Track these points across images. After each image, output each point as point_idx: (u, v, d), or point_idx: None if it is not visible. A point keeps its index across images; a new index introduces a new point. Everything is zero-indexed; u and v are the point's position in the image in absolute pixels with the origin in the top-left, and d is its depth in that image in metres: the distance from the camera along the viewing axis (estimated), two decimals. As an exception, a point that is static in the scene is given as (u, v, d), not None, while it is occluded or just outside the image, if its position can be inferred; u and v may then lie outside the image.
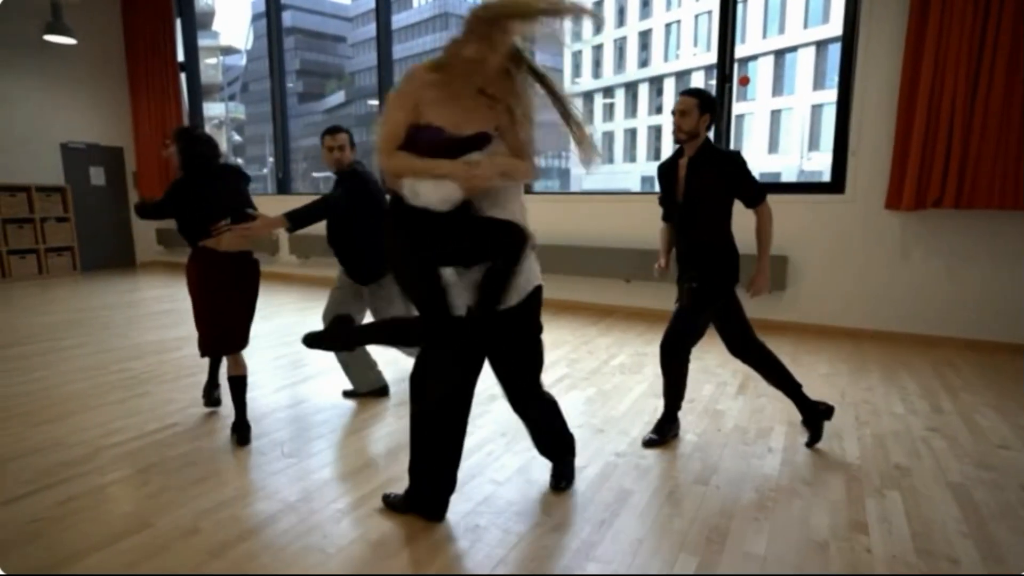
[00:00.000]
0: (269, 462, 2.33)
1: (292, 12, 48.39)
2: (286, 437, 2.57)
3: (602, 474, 2.21)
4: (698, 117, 2.29)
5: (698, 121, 2.30)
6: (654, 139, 38.03)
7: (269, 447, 2.47)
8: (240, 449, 2.45)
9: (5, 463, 2.29)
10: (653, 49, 37.33)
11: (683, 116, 2.31)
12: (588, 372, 3.48)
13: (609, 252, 5.04)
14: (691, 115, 2.29)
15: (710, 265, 2.41)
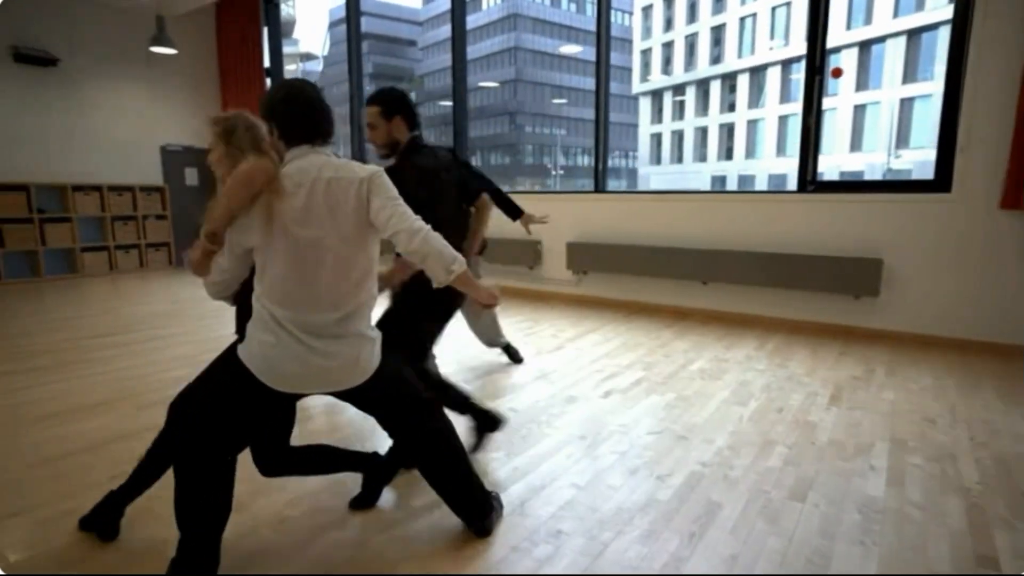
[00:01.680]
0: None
1: (366, 18, 50.01)
2: (370, 427, 2.62)
3: (687, 483, 2.12)
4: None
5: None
6: (726, 137, 36.74)
7: (356, 437, 2.53)
8: (328, 438, 2.52)
9: (115, 442, 2.46)
10: (726, 44, 36.02)
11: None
12: (666, 376, 3.36)
13: (684, 253, 4.87)
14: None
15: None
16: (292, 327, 1.47)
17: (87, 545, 1.76)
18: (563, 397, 3.03)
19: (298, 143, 1.54)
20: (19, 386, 3.20)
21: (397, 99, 2.15)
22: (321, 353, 1.49)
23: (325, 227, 1.48)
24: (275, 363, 1.47)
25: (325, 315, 1.50)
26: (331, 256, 1.49)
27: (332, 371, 1.52)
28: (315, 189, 1.48)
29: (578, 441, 2.49)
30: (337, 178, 1.50)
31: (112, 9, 7.39)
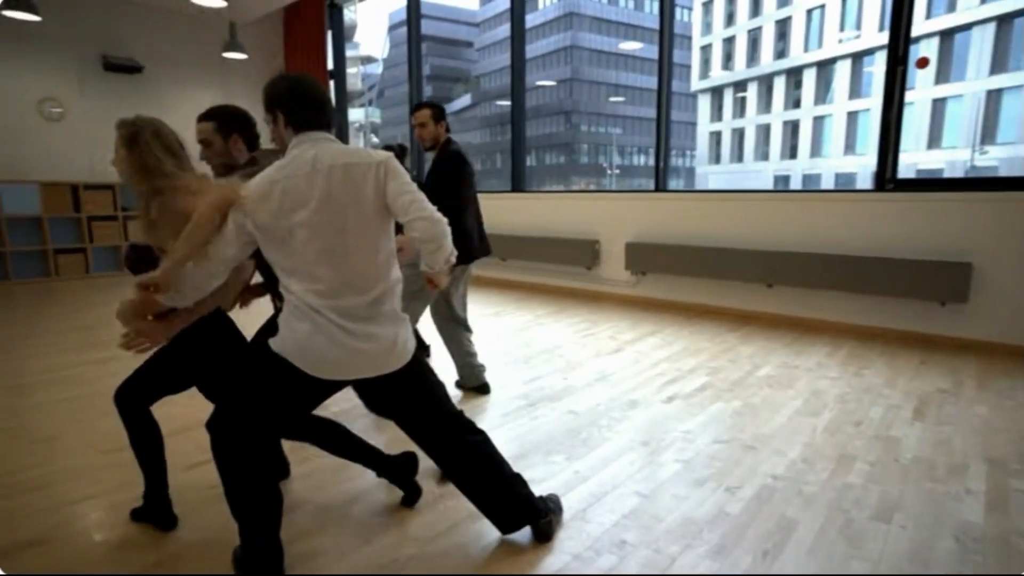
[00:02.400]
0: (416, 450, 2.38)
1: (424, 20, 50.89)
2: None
3: (759, 497, 2.00)
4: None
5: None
6: (790, 135, 35.29)
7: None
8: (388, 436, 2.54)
9: (191, 430, 2.55)
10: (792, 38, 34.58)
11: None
12: (732, 383, 3.22)
13: (748, 254, 4.67)
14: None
15: None
16: (328, 312, 1.46)
17: (152, 531, 1.82)
18: (624, 401, 2.95)
19: (306, 129, 1.54)
20: (95, 376, 3.38)
21: (238, 116, 2.00)
22: (360, 336, 1.49)
23: (348, 212, 1.48)
24: (314, 349, 1.47)
25: (358, 298, 1.50)
26: (356, 240, 1.49)
27: (371, 354, 1.51)
28: (333, 175, 1.47)
29: (640, 447, 2.41)
30: (355, 163, 1.49)
31: (189, 18, 7.77)
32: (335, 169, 1.47)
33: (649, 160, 50.06)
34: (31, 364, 3.58)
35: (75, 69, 7.11)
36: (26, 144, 6.86)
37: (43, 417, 2.76)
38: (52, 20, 6.56)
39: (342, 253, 1.48)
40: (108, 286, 6.66)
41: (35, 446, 2.45)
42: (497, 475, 1.73)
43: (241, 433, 1.49)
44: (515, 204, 6.49)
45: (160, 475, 1.84)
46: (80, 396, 3.04)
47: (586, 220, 5.84)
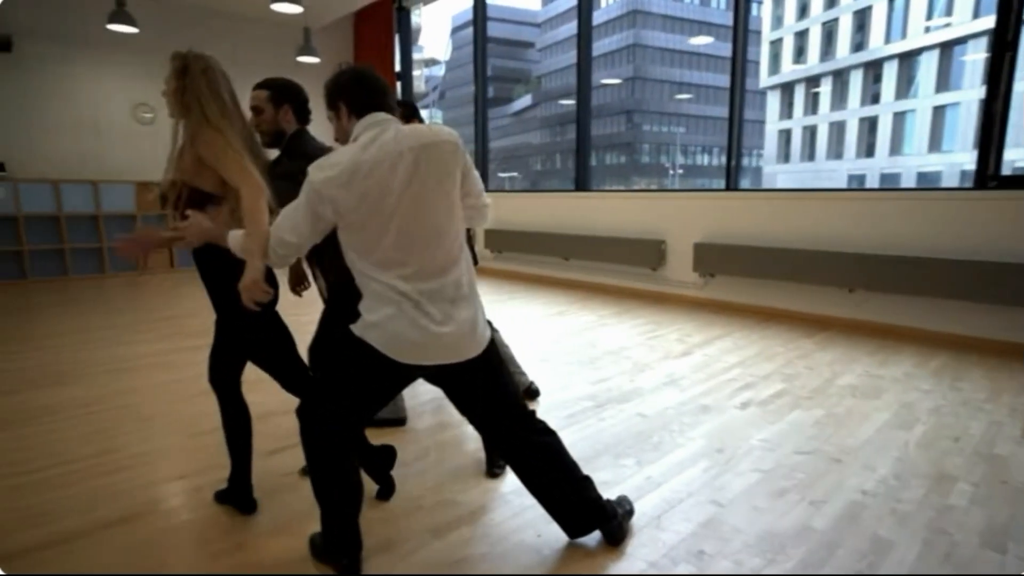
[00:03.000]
0: (479, 449, 2.38)
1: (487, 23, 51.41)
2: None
3: (848, 514, 1.87)
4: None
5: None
6: (867, 132, 33.40)
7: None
8: (455, 430, 2.55)
9: (268, 417, 2.65)
10: (871, 29, 32.69)
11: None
12: (811, 391, 3.05)
13: (826, 257, 4.42)
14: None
15: None
16: (412, 296, 1.44)
17: (234, 514, 1.89)
18: (695, 406, 2.84)
19: (371, 111, 1.50)
20: (184, 362, 3.58)
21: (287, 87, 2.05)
22: (440, 319, 1.46)
23: (433, 193, 1.46)
24: (396, 333, 1.44)
25: (439, 281, 1.48)
26: (440, 221, 1.48)
27: (453, 337, 1.48)
28: (419, 156, 1.44)
29: (716, 454, 2.31)
30: (437, 142, 1.47)
31: (267, 24, 8.14)
32: (419, 149, 1.44)
33: (714, 160, 48.61)
34: (129, 350, 3.83)
35: (165, 76, 7.56)
36: (122, 147, 7.37)
37: (142, 400, 2.94)
38: (147, 31, 7.01)
39: (426, 235, 1.46)
40: (189, 280, 7.06)
41: (136, 424, 2.61)
42: (566, 476, 1.69)
43: (328, 421, 1.52)
44: (579, 204, 6.42)
45: (246, 459, 1.91)
46: (172, 381, 3.22)
47: (652, 220, 5.71)
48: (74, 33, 6.89)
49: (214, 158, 1.63)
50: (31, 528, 1.80)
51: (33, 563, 1.64)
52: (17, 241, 6.69)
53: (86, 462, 2.24)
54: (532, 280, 6.82)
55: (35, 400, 2.92)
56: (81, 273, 7.13)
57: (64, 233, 6.93)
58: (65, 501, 1.96)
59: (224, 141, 1.63)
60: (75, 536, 1.76)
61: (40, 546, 1.71)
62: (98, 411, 2.77)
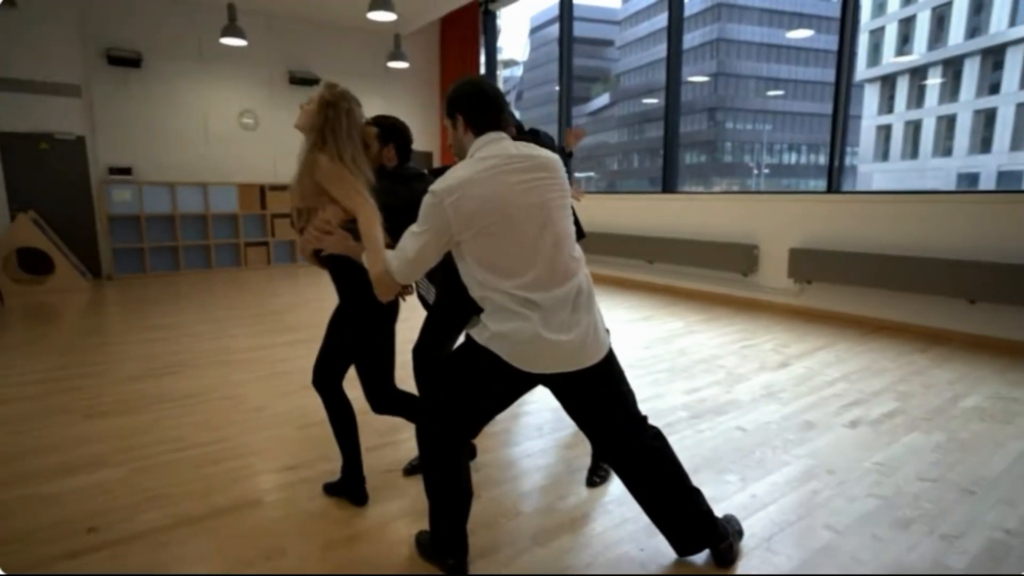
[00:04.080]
0: (577, 456, 2.36)
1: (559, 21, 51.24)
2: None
3: (988, 553, 1.70)
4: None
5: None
6: (982, 126, 30.49)
7: (577, 439, 2.51)
8: (549, 437, 2.55)
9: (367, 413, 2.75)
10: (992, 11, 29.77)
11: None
12: (929, 411, 2.81)
13: (942, 264, 4.06)
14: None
15: None
16: (534, 304, 1.46)
17: (345, 506, 1.97)
18: (798, 421, 2.69)
19: (488, 130, 1.55)
20: (285, 356, 3.78)
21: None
22: (563, 327, 1.47)
23: (551, 204, 1.51)
24: (521, 343, 1.45)
25: (560, 288, 1.49)
26: (558, 230, 1.51)
27: (574, 345, 1.48)
28: (535, 169, 1.50)
29: (826, 475, 2.17)
30: (548, 155, 1.53)
31: (359, 32, 8.48)
32: (535, 161, 1.51)
33: (802, 158, 46.02)
34: (233, 343, 4.11)
35: (267, 84, 8.07)
36: (228, 150, 7.92)
37: (248, 392, 3.13)
38: (253, 42, 7.49)
39: (547, 244, 1.48)
40: (285, 276, 7.49)
41: (246, 415, 2.79)
42: (677, 486, 1.64)
43: (447, 427, 1.55)
44: (666, 205, 6.25)
45: (355, 453, 1.99)
46: (275, 375, 3.41)
47: (744, 223, 5.47)
48: (190, 48, 7.48)
49: (336, 189, 1.73)
50: (153, 510, 1.95)
51: (154, 544, 1.76)
52: (139, 239, 7.34)
53: (201, 449, 2.41)
54: (615, 283, 6.71)
55: (154, 388, 3.19)
56: (192, 268, 7.73)
57: (178, 231, 7.54)
58: (183, 485, 2.11)
59: (347, 172, 1.74)
60: (192, 520, 1.89)
61: (160, 528, 1.84)
62: (209, 401, 2.98)
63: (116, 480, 2.15)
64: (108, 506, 1.97)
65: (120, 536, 1.79)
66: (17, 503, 1.99)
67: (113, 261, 7.26)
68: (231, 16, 6.01)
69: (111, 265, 7.25)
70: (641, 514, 1.87)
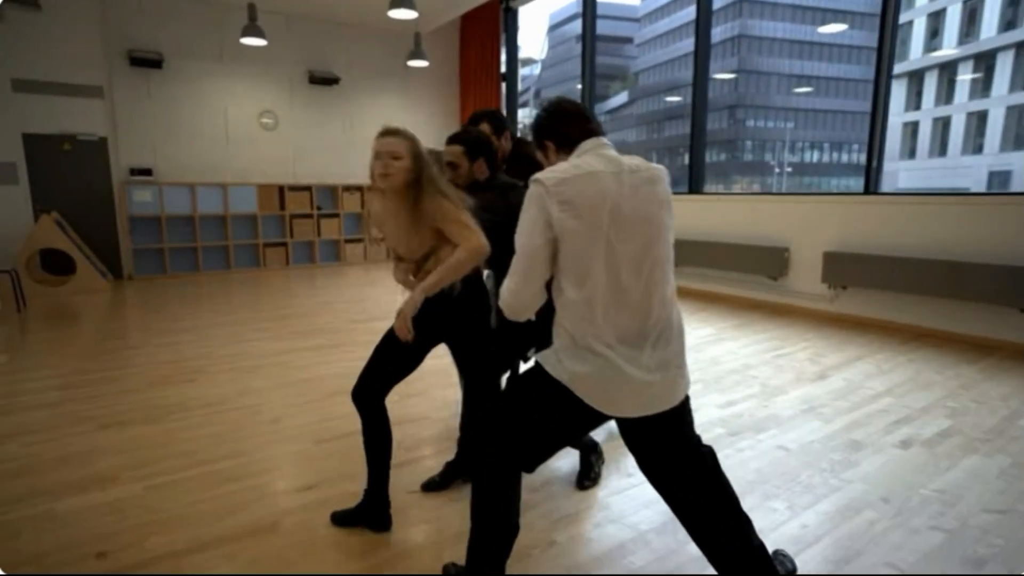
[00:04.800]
0: (607, 478, 2.23)
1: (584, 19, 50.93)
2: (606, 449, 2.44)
3: (1073, 599, 1.53)
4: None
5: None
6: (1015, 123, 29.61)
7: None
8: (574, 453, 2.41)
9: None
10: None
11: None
12: (986, 431, 2.62)
13: (990, 269, 3.84)
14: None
15: None
16: (623, 339, 1.30)
17: (362, 531, 1.85)
18: (845, 440, 2.52)
19: (578, 142, 1.41)
20: (306, 363, 3.69)
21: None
22: (651, 366, 1.31)
23: (657, 221, 1.34)
24: (603, 383, 1.30)
25: (650, 323, 1.32)
26: (656, 256, 1.33)
27: (661, 387, 1.33)
28: (639, 179, 1.34)
29: (881, 504, 2.01)
30: (660, 170, 1.39)
31: (379, 31, 8.41)
32: (647, 173, 1.36)
33: (824, 156, 45.14)
34: (249, 348, 4.03)
35: (287, 84, 8.03)
36: (248, 151, 7.90)
37: (265, 401, 3.04)
38: (273, 42, 7.46)
39: (647, 266, 1.32)
40: (303, 276, 7.44)
41: (262, 427, 2.69)
42: (730, 514, 1.46)
43: (506, 459, 1.41)
44: (693, 207, 6.07)
45: (384, 474, 1.87)
46: (292, 383, 3.32)
47: (774, 225, 5.27)
48: (211, 49, 7.46)
49: (446, 222, 1.73)
50: (164, 532, 1.85)
51: (164, 571, 1.66)
52: (159, 239, 7.35)
53: (215, 465, 2.31)
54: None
55: (171, 396, 3.11)
56: (211, 268, 7.72)
57: (198, 232, 7.53)
58: (195, 506, 2.01)
59: (454, 205, 1.73)
60: (204, 546, 1.78)
61: (171, 554, 1.74)
62: (224, 411, 2.89)
63: (128, 499, 2.06)
64: (118, 527, 1.87)
65: (129, 562, 1.70)
66: (25, 523, 1.91)
67: (134, 262, 7.27)
68: (251, 16, 5.96)
69: (131, 266, 7.27)
70: (685, 544, 1.74)
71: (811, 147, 45.79)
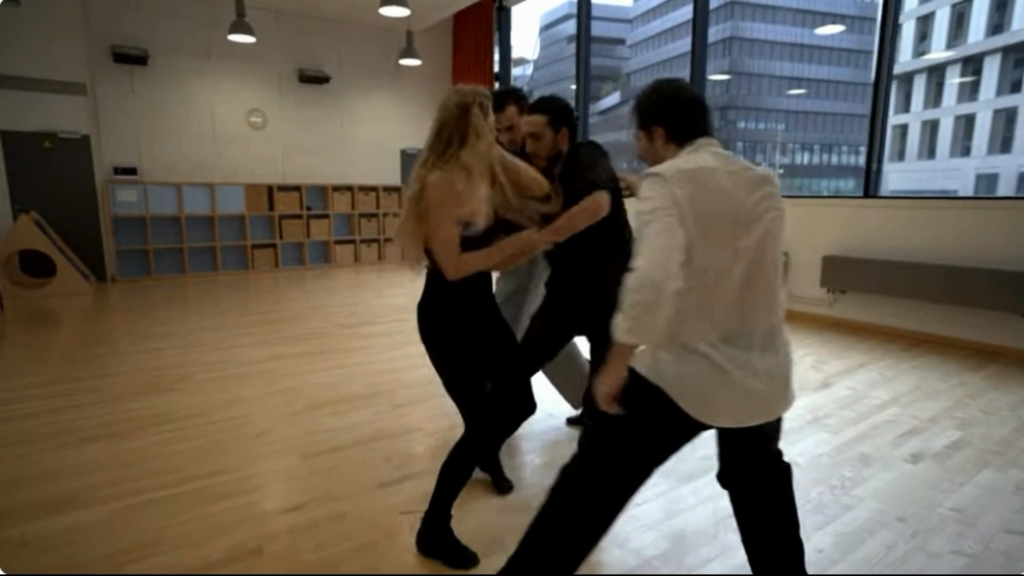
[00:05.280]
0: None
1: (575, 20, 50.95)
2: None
3: (1107, 632, 1.45)
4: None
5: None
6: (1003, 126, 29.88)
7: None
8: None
9: (379, 440, 2.52)
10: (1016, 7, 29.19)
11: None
12: (998, 443, 2.54)
13: (991, 275, 3.78)
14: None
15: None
16: (722, 341, 1.21)
17: (353, 555, 1.74)
18: (854, 454, 2.43)
19: (692, 139, 1.32)
20: (294, 371, 3.56)
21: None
22: (756, 372, 1.21)
23: (771, 226, 1.26)
24: (707, 388, 1.20)
25: (757, 328, 1.24)
26: (765, 259, 1.25)
27: (768, 395, 1.24)
28: (762, 182, 1.27)
29: (897, 524, 1.92)
30: (771, 173, 1.31)
31: (371, 29, 8.27)
32: (758, 173, 1.28)
33: (815, 158, 45.36)
34: (235, 355, 3.89)
35: (276, 83, 7.88)
36: (237, 150, 7.73)
37: (250, 412, 2.90)
38: (261, 40, 7.31)
39: (755, 270, 1.23)
40: (292, 279, 7.29)
41: (246, 441, 2.56)
42: (791, 532, 1.40)
43: (601, 488, 1.28)
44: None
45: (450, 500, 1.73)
46: (279, 392, 3.19)
47: (773, 228, 5.19)
48: (198, 46, 7.29)
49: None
50: (140, 559, 1.72)
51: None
52: (144, 240, 7.17)
53: (196, 483, 2.18)
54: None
55: (153, 407, 2.97)
56: (197, 270, 7.55)
57: (184, 232, 7.36)
58: (175, 528, 1.88)
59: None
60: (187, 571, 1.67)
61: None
62: (209, 423, 2.76)
63: (105, 521, 1.93)
64: (92, 555, 1.75)
65: (100, 595, 1.58)
66: (-10, 550, 1.78)
67: (117, 263, 7.09)
68: (239, 12, 5.80)
69: (115, 267, 7.08)
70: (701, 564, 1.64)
71: (802, 148, 46.05)
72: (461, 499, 1.76)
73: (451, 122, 1.58)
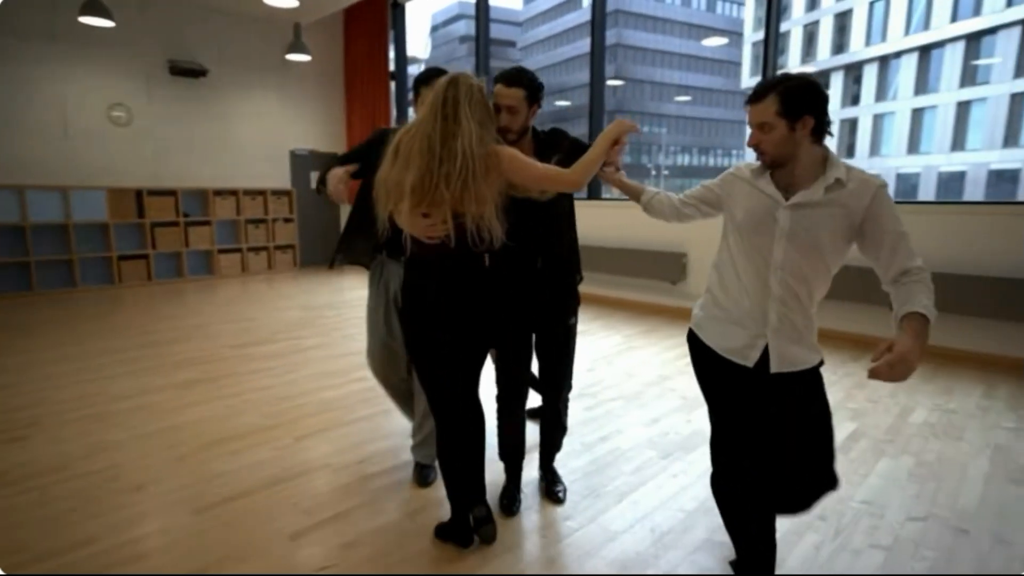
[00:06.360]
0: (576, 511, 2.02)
1: (466, 21, 50.97)
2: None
3: (1011, 613, 1.56)
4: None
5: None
6: (847, 134, 33.65)
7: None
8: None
9: (286, 482, 2.24)
10: (852, 32, 32.95)
11: None
12: (887, 431, 2.75)
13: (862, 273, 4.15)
14: None
15: None
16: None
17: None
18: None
19: (822, 140, 1.35)
20: (176, 405, 3.12)
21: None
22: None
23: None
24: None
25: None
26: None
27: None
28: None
29: (819, 523, 1.99)
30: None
31: (253, 20, 7.64)
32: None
33: (694, 160, 48.72)
34: (107, 388, 3.36)
35: (143, 74, 7.04)
36: (95, 150, 6.81)
37: (125, 459, 2.48)
38: (123, 26, 6.48)
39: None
40: (169, 293, 6.55)
41: (121, 498, 2.17)
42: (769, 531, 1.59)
43: (733, 458, 1.51)
44: (591, 212, 6.08)
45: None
46: (161, 431, 2.77)
47: (672, 230, 5.38)
48: (39, 26, 6.33)
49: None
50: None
51: None
52: (-22, 254, 6.11)
53: (57, 559, 1.78)
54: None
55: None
56: (49, 288, 6.55)
57: (29, 244, 6.36)
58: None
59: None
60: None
61: None
62: (69, 479, 2.30)
63: (-77, 625, 1.52)
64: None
65: None
66: None
67: (-57, 282, 5.98)
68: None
69: (-59, 287, 5.97)
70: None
71: (683, 151, 49.28)
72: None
73: (479, 106, 1.64)
